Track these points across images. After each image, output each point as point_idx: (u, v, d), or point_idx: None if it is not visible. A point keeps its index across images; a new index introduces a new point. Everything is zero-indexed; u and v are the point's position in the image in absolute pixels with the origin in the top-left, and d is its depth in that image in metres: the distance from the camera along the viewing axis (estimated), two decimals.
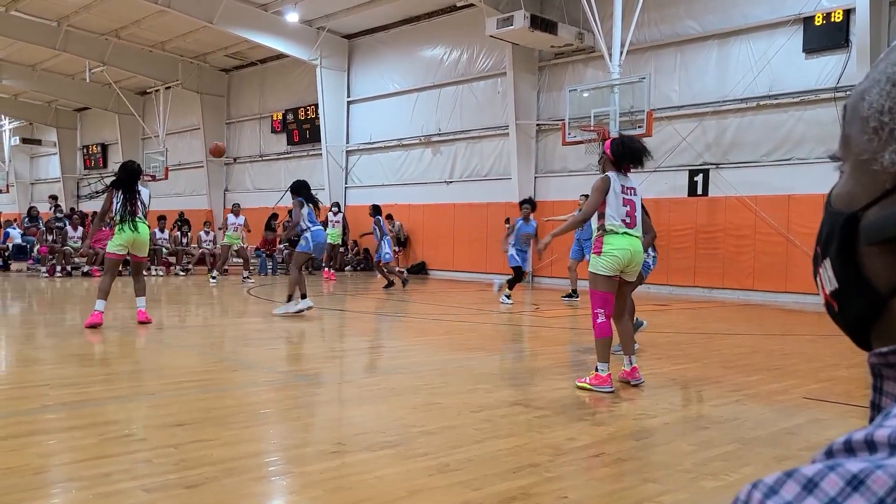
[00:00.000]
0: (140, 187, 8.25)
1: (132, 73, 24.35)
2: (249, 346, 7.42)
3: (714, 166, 14.13)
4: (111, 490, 2.84)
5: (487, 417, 4.22)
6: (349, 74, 21.22)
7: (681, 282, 14.37)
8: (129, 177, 8.15)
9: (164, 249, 17.39)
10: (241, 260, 18.54)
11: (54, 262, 15.69)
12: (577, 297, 12.25)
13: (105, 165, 31.73)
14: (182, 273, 17.22)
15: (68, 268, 15.86)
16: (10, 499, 2.72)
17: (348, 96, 21.24)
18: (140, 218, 8.10)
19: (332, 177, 21.25)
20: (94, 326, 7.65)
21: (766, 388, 5.44)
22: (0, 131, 35.96)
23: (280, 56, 21.76)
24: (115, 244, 8.18)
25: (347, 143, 21.40)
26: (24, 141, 34.41)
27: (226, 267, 17.95)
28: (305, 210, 9.75)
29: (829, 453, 0.44)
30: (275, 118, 23.41)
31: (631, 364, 5.43)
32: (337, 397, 5.04)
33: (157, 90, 25.57)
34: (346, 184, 21.57)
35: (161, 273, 16.89)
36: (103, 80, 25.90)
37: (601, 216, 5.22)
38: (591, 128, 13.49)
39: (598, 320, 5.19)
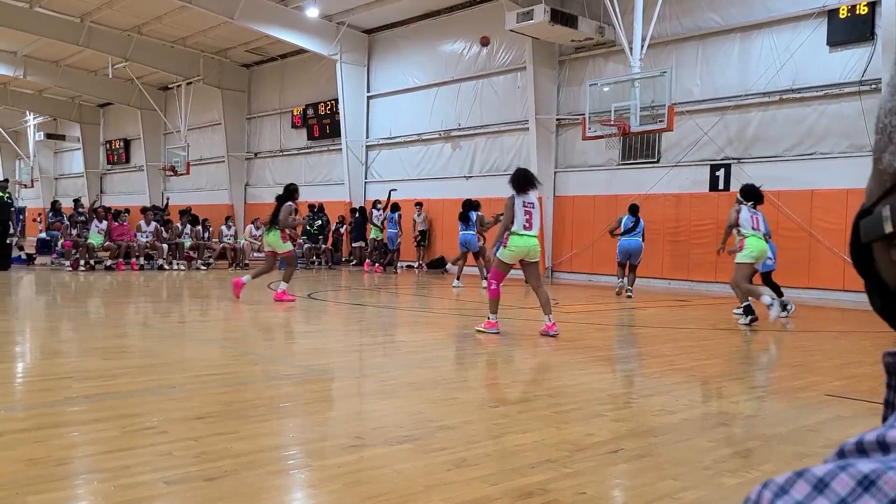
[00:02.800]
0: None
1: (154, 68, 24.56)
2: (269, 339, 7.46)
3: (736, 161, 14.00)
4: (132, 482, 2.87)
5: (505, 413, 4.22)
6: (369, 69, 21.25)
7: (702, 277, 14.26)
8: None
9: (185, 243, 17.53)
10: (262, 255, 18.78)
11: (77, 256, 15.88)
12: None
13: (128, 161, 32.06)
14: (203, 267, 17.36)
15: (91, 262, 16.05)
16: (34, 489, 2.76)
17: (368, 91, 21.27)
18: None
19: (352, 172, 21.31)
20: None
21: (788, 384, 5.39)
22: (25, 127, 36.46)
23: (300, 51, 21.84)
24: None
25: (367, 137, 21.44)
26: (49, 136, 34.86)
27: (247, 262, 18.13)
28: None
29: (841, 454, 0.44)
30: (295, 113, 23.50)
31: (550, 321, 7.62)
32: (356, 391, 5.06)
33: (178, 85, 25.77)
34: (365, 179, 21.62)
35: (183, 267, 17.03)
36: (126, 76, 26.16)
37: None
38: (612, 122, 13.41)
39: (492, 287, 7.75)
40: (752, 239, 8.95)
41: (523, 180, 7.71)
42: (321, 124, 22.55)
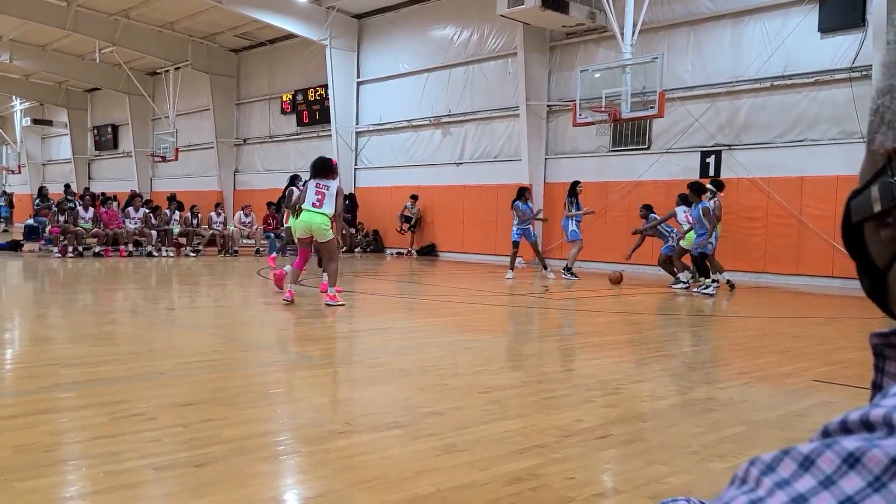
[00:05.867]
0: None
1: (142, 53, 24.30)
2: (258, 326, 7.45)
3: (727, 147, 14.02)
4: (121, 468, 2.86)
5: (495, 399, 4.23)
6: (359, 55, 21.12)
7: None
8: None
9: (174, 230, 17.44)
10: (252, 241, 18.76)
11: (66, 242, 15.77)
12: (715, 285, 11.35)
13: (116, 147, 31.82)
14: (192, 254, 17.29)
15: (80, 248, 15.95)
16: (22, 475, 2.75)
17: (358, 77, 21.16)
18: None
19: (342, 158, 21.22)
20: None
21: (775, 370, 5.42)
22: (11, 112, 36.11)
23: (289, 36, 21.68)
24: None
25: (357, 124, 21.35)
26: (36, 122, 34.55)
27: (236, 248, 18.08)
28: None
29: (826, 433, 0.44)
30: (284, 99, 23.35)
31: (333, 291, 8.63)
32: (345, 378, 5.06)
33: (166, 71, 25.56)
34: (355, 165, 21.55)
35: (172, 254, 16.96)
36: (113, 61, 25.91)
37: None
38: (603, 108, 13.39)
39: (295, 262, 8.93)
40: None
41: (319, 168, 8.87)
42: (311, 110, 22.43)
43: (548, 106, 16.89)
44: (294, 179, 12.84)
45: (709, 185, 11.45)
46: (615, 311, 9.43)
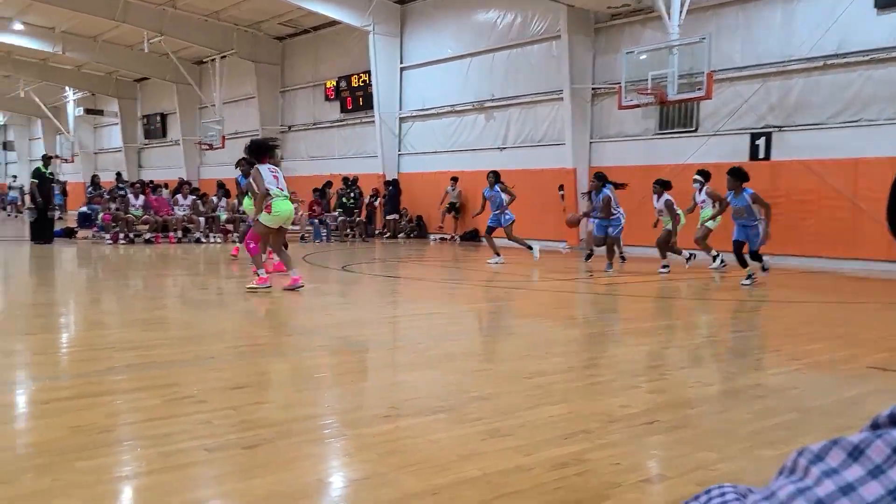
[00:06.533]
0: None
1: (188, 42, 24.70)
2: (304, 311, 7.55)
3: (777, 129, 13.67)
4: (174, 449, 2.94)
5: (540, 384, 4.22)
6: (402, 40, 21.11)
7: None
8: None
9: (221, 217, 17.74)
10: (297, 227, 18.98)
11: (118, 229, 16.17)
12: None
13: (164, 135, 32.43)
14: (239, 241, 17.56)
15: (131, 235, 16.33)
16: (81, 455, 2.84)
17: (401, 62, 21.16)
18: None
19: (386, 144, 21.30)
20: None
21: (828, 356, 5.30)
22: (65, 102, 37.05)
23: (333, 23, 21.77)
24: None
25: (400, 109, 21.38)
26: (88, 112, 35.39)
27: None
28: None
29: (875, 426, 0.43)
30: (328, 86, 23.49)
31: (295, 275, 8.26)
32: (390, 362, 5.10)
33: (212, 59, 25.92)
34: (399, 151, 21.60)
35: (219, 240, 17.26)
36: (161, 51, 26.37)
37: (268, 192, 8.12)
38: (649, 91, 13.15)
39: (251, 246, 8.51)
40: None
41: (263, 148, 8.35)
42: (354, 97, 22.52)
43: (592, 89, 16.66)
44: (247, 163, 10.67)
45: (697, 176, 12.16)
46: (661, 296, 9.31)
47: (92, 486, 2.56)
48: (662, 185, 11.99)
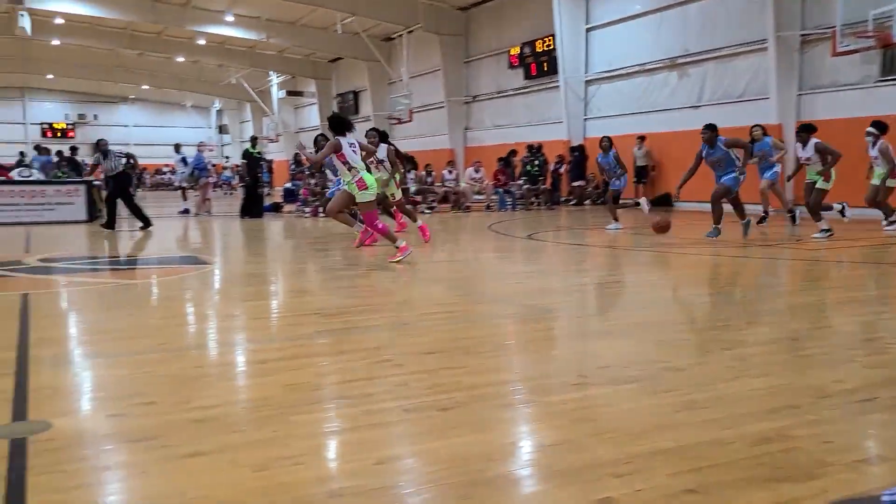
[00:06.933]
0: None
1: (377, 20, 25.67)
2: (493, 279, 7.67)
3: None
4: (375, 408, 3.13)
5: (740, 355, 4.00)
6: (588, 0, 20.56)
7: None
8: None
9: (410, 188, 18.40)
10: (482, 197, 19.30)
11: (317, 203, 17.29)
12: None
13: (357, 112, 34.07)
14: (427, 211, 18.15)
15: None
16: (295, 410, 3.11)
17: (587, 23, 20.61)
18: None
19: (571, 109, 20.93)
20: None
21: None
22: (269, 86, 40.04)
23: None
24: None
25: (586, 72, 20.88)
26: (290, 93, 38.03)
27: (467, 204, 18.69)
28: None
29: None
30: (512, 53, 23.41)
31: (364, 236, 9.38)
32: (579, 331, 5.06)
33: (399, 35, 26.74)
34: (585, 115, 21.16)
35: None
36: (352, 30, 27.64)
37: (351, 167, 8.19)
38: (870, 33, 11.79)
39: (379, 226, 8.49)
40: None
41: (343, 123, 8.38)
42: (538, 62, 22.28)
43: (801, 35, 15.24)
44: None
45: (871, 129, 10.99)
46: (875, 261, 8.45)
47: (305, 439, 2.79)
48: (880, 129, 10.92)
